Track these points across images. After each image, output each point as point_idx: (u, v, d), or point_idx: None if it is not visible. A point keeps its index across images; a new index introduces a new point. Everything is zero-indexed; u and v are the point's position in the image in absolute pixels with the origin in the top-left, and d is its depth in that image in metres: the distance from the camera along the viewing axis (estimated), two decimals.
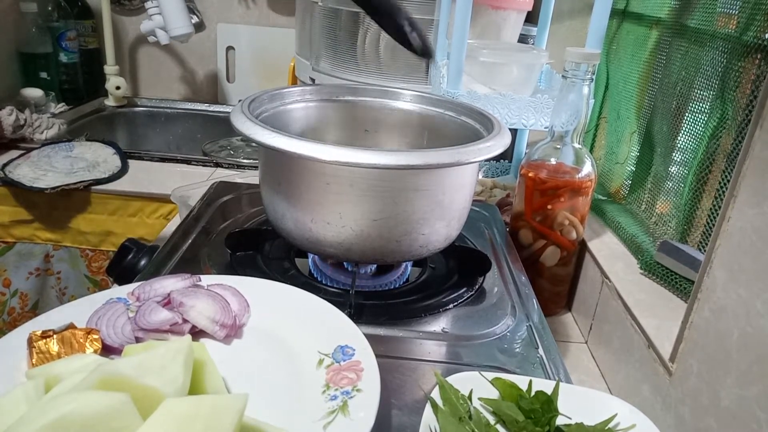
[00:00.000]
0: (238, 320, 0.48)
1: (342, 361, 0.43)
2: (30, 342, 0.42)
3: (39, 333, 0.43)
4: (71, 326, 0.44)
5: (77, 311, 0.47)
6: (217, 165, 1.19)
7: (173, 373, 0.36)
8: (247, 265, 0.61)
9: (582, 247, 0.77)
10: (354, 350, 0.43)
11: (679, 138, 0.68)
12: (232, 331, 0.47)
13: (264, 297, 0.51)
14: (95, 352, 0.43)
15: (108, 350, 0.44)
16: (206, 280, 0.52)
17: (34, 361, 0.41)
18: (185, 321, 0.46)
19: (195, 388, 0.38)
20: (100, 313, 0.47)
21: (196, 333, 0.47)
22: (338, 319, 0.48)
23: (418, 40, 0.55)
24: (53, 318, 0.46)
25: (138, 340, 0.45)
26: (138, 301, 0.49)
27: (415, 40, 0.55)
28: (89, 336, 0.44)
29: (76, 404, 0.31)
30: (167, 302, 0.49)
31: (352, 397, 0.39)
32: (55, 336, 0.43)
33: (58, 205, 1.08)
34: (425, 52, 0.56)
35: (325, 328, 0.47)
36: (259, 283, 0.53)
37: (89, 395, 0.32)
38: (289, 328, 0.47)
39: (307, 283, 0.59)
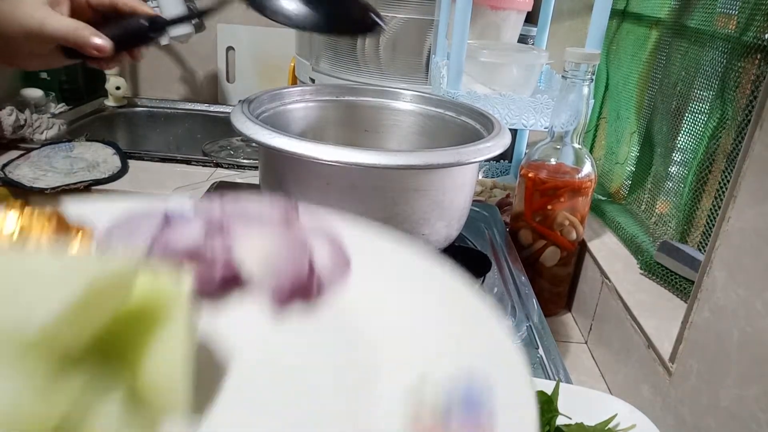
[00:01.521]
0: (318, 284, 0.28)
1: (459, 410, 0.21)
2: None
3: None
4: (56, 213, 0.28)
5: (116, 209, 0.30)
6: (217, 165, 1.19)
7: (43, 305, 0.18)
8: None
9: (582, 247, 0.77)
10: (490, 398, 0.21)
11: (678, 138, 0.68)
12: (294, 297, 0.27)
13: (382, 266, 0.31)
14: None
15: None
16: (306, 217, 0.33)
17: None
18: (227, 262, 0.28)
19: (112, 352, 0.20)
20: (140, 215, 0.30)
21: (236, 285, 0.28)
22: (492, 336, 0.25)
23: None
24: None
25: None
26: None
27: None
28: (82, 231, 0.28)
29: None
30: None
31: None
32: (26, 208, 0.27)
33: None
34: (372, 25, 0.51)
35: (459, 343, 0.25)
36: (388, 247, 0.33)
37: None
38: (395, 337, 0.26)
39: None
